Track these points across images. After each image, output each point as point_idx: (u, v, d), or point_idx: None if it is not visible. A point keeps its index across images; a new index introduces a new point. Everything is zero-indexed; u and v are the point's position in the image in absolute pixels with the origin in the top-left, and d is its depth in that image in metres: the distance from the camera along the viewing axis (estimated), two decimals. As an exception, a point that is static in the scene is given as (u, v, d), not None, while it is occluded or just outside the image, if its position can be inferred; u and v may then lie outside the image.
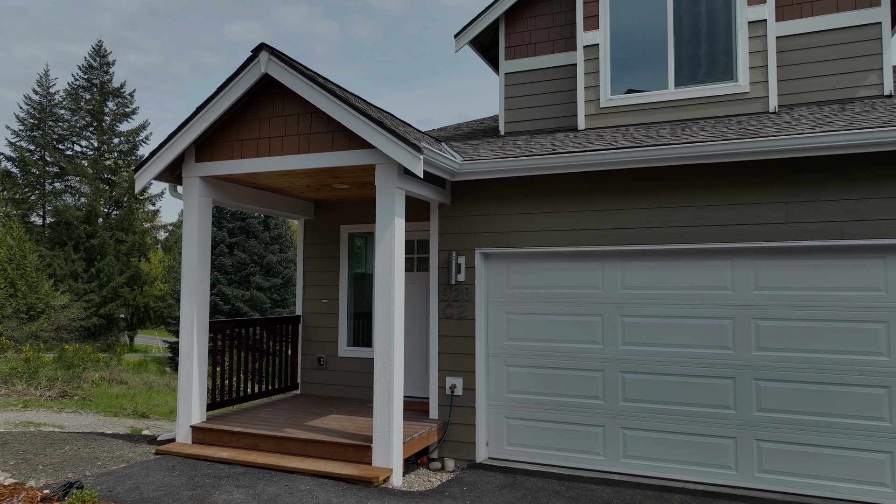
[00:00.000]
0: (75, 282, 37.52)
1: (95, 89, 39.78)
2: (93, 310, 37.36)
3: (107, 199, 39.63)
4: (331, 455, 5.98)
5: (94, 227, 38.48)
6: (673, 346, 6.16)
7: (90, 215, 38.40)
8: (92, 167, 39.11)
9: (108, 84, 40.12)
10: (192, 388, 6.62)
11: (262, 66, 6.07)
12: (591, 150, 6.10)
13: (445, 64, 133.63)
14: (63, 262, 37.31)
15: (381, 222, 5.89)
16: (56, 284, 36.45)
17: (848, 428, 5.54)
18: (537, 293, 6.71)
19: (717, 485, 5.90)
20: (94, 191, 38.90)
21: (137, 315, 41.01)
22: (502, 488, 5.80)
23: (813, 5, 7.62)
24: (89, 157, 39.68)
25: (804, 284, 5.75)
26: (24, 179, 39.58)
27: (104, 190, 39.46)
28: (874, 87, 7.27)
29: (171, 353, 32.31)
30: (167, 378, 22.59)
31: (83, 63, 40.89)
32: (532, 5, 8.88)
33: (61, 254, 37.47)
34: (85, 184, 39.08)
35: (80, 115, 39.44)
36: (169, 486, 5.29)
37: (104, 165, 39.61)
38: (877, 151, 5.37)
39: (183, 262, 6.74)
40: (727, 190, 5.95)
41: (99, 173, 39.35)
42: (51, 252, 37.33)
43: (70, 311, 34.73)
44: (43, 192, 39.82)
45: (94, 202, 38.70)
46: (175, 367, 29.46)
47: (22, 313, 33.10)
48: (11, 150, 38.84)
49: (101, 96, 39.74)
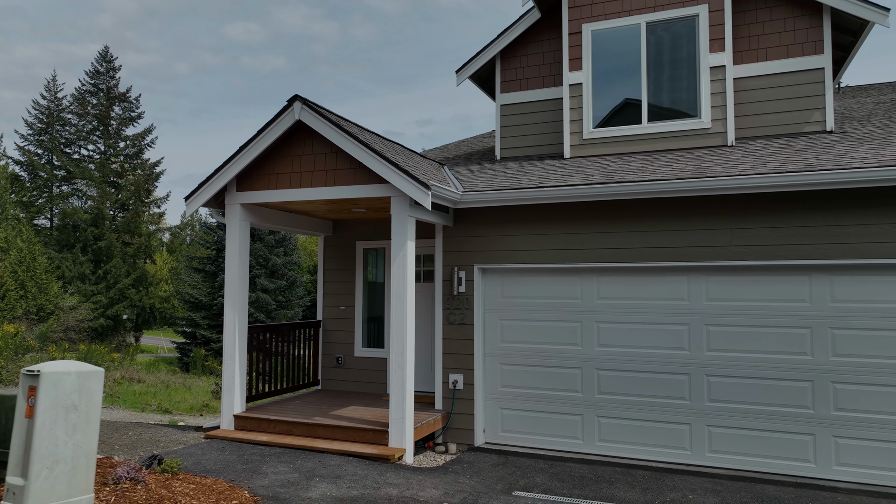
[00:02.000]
0: (83, 283, 38.80)
1: (102, 94, 41.05)
2: (100, 311, 38.63)
3: (113, 202, 40.92)
4: (353, 438, 7.30)
5: (101, 230, 39.75)
6: (639, 348, 7.47)
7: (97, 218, 39.68)
8: (98, 170, 40.38)
9: (115, 89, 41.39)
10: (234, 383, 7.93)
11: (296, 113, 7.37)
12: (569, 184, 7.41)
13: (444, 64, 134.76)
14: (71, 265, 38.58)
15: (396, 245, 7.20)
16: (65, 286, 37.71)
17: (780, 415, 6.85)
18: (527, 302, 8.02)
19: (675, 463, 7.21)
20: (101, 194, 40.17)
21: (143, 316, 42.28)
22: (496, 466, 7.11)
23: (767, 51, 8.93)
24: (96, 161, 40.96)
25: (745, 297, 7.06)
26: (33, 183, 40.87)
27: (110, 193, 40.75)
28: (818, 124, 8.57)
29: (179, 354, 33.60)
30: (180, 377, 23.91)
31: (90, 68, 42.13)
32: (525, 45, 10.19)
33: (69, 256, 38.74)
34: (92, 187, 40.35)
35: (88, 119, 40.72)
36: (224, 462, 6.60)
37: (110, 169, 40.90)
38: (797, 191, 6.67)
39: (226, 276, 8.04)
40: (683, 218, 7.25)
41: (105, 177, 40.63)
42: (59, 254, 38.61)
43: (78, 312, 36.00)
44: (51, 196, 41.11)
45: (101, 205, 39.98)
46: (183, 367, 30.80)
47: (32, 314, 34.38)
48: (20, 153, 40.14)
49: (108, 101, 41.01)
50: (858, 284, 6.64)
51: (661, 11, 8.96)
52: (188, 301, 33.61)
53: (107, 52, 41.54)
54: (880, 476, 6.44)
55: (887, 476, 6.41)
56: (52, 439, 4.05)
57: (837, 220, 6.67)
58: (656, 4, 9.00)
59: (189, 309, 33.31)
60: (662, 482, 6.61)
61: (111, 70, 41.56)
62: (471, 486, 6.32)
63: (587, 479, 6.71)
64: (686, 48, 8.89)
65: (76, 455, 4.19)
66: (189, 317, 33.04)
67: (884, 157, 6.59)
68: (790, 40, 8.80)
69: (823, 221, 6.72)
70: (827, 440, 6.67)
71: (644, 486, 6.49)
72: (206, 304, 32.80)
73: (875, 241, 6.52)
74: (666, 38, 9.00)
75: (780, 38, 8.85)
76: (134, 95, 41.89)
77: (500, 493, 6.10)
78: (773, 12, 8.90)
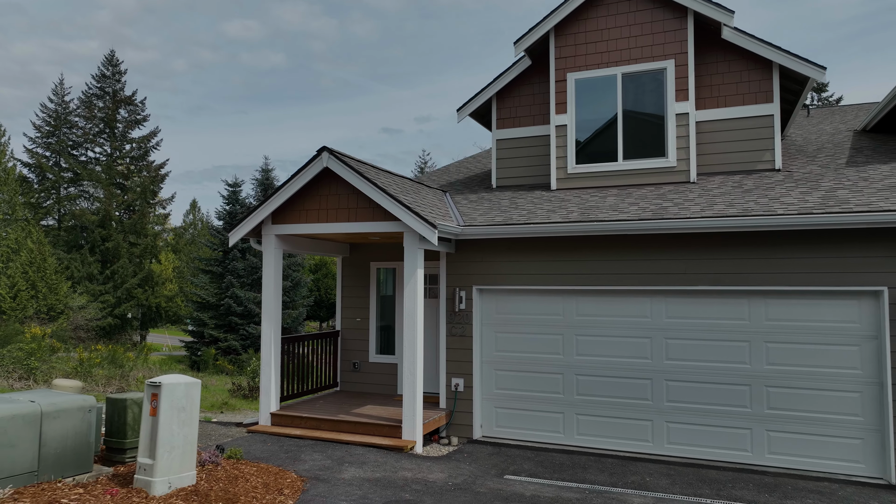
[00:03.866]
0: (91, 283, 40.35)
1: (108, 97, 42.53)
2: (108, 310, 40.20)
3: (119, 203, 42.44)
4: (372, 432, 8.91)
5: (108, 231, 41.31)
6: (611, 357, 9.09)
7: (105, 219, 41.23)
8: (105, 173, 41.90)
9: (121, 92, 42.88)
10: (270, 386, 9.53)
11: (324, 161, 8.95)
12: (552, 222, 9.00)
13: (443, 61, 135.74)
14: (80, 265, 40.14)
15: (408, 272, 8.79)
16: (74, 286, 39.27)
17: (724, 413, 8.47)
18: (517, 318, 9.63)
19: (639, 452, 8.83)
20: (108, 195, 41.71)
21: (149, 315, 43.89)
22: (491, 455, 8.72)
23: (726, 98, 10.51)
24: (102, 163, 42.47)
25: (697, 315, 8.67)
26: (41, 185, 42.37)
27: (117, 194, 42.28)
28: (768, 162, 10.16)
29: (188, 352, 35.16)
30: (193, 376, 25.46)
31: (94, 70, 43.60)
32: (518, 88, 11.76)
33: (78, 256, 40.29)
34: (99, 189, 41.87)
35: (94, 122, 42.19)
36: (269, 451, 8.21)
37: (117, 171, 42.40)
38: (737, 231, 8.25)
39: (263, 295, 9.62)
40: (646, 250, 8.85)
41: (112, 178, 42.14)
42: (68, 255, 40.15)
43: (87, 311, 37.60)
44: (59, 197, 42.62)
45: (108, 206, 41.51)
46: (193, 366, 32.38)
47: (43, 314, 35.94)
48: (28, 156, 41.63)
49: (114, 104, 42.49)
50: (787, 307, 8.25)
51: (635, 65, 10.53)
52: (195, 301, 35.14)
53: (112, 55, 42.99)
54: (802, 462, 8.06)
55: (807, 462, 8.04)
56: (169, 431, 5.63)
57: (770, 255, 8.27)
58: (630, 58, 10.57)
59: (197, 309, 34.84)
60: (627, 468, 8.23)
61: (117, 74, 43.01)
62: (470, 471, 7.93)
63: (566, 465, 8.33)
64: (655, 96, 10.46)
65: (184, 443, 5.77)
66: (197, 317, 34.58)
67: (806, 203, 8.18)
68: (745, 90, 10.38)
69: (759, 255, 8.32)
70: (761, 433, 8.29)
71: (611, 471, 8.12)
72: (214, 304, 34.35)
73: (799, 272, 8.12)
74: (638, 87, 10.58)
75: (737, 87, 10.43)
76: (139, 98, 43.37)
77: (494, 477, 7.72)
78: (731, 65, 10.47)
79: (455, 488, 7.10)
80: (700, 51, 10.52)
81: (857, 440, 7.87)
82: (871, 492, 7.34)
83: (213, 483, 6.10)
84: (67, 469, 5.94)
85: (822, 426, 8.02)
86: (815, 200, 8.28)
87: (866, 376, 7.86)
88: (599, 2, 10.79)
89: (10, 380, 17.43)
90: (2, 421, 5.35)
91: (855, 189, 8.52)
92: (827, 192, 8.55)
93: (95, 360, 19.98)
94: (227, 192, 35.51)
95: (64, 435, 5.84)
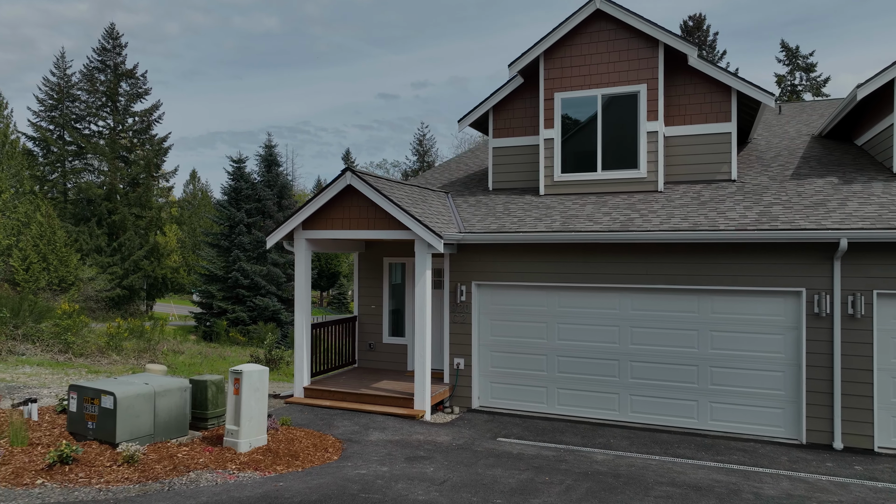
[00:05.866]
0: (99, 255, 42.38)
1: (109, 70, 43.85)
2: (116, 281, 42.29)
3: (123, 176, 44.18)
4: (389, 403, 11.09)
5: (114, 204, 43.16)
6: (586, 342, 11.22)
7: (111, 193, 43.02)
8: (109, 146, 43.52)
9: (122, 65, 44.18)
10: (303, 364, 11.67)
11: (347, 179, 10.92)
12: (537, 231, 11.03)
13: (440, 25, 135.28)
14: (88, 238, 42.09)
15: (418, 272, 10.84)
16: (83, 258, 41.30)
17: (676, 388, 10.64)
18: (509, 308, 11.73)
19: (607, 420, 11.04)
20: (112, 169, 43.41)
21: (156, 286, 46.06)
22: (486, 422, 10.93)
23: (691, 117, 12.43)
24: (105, 137, 44.04)
25: (656, 308, 10.78)
26: (45, 158, 44.00)
27: (121, 167, 43.98)
28: (725, 174, 12.15)
29: (196, 322, 37.39)
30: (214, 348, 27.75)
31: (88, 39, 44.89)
32: (511, 102, 13.64)
33: (86, 229, 42.21)
34: (103, 162, 43.55)
35: (97, 96, 43.61)
36: (307, 419, 10.39)
37: (120, 144, 44.01)
38: (687, 242, 10.29)
39: (296, 290, 11.68)
40: (614, 255, 10.89)
41: (116, 152, 43.78)
42: (76, 228, 42.05)
43: (97, 283, 39.71)
44: (64, 171, 44.31)
45: (114, 180, 43.26)
46: (205, 337, 34.62)
47: (55, 285, 38.01)
48: (33, 130, 43.14)
49: (115, 77, 43.84)
50: (728, 303, 10.36)
51: (613, 87, 12.42)
52: (203, 274, 37.25)
53: (112, 28, 44.16)
54: (736, 427, 10.27)
55: (740, 427, 10.25)
56: (249, 406, 7.74)
57: (715, 261, 10.33)
58: (609, 82, 12.45)
59: (205, 282, 36.96)
60: (596, 432, 10.45)
61: (118, 47, 44.25)
62: (469, 434, 10.13)
63: (547, 430, 10.53)
64: (630, 115, 12.37)
65: (259, 414, 7.90)
66: (205, 289, 36.71)
67: (745, 219, 10.21)
68: (708, 110, 12.30)
69: (706, 261, 10.39)
70: (705, 404, 10.49)
71: (584, 434, 10.33)
72: (221, 277, 36.45)
73: (738, 275, 10.20)
74: (616, 106, 12.48)
75: (700, 107, 12.35)
76: (140, 72, 44.69)
77: (489, 439, 9.91)
78: (696, 87, 12.37)
79: (458, 448, 9.29)
80: (670, 74, 12.39)
81: (778, 409, 10.07)
82: (784, 450, 9.57)
83: (278, 444, 8.26)
84: (172, 433, 8.08)
85: (753, 398, 10.21)
86: (753, 216, 10.31)
87: (788, 359, 10.02)
88: (583, 31, 12.61)
89: (51, 353, 19.62)
90: (131, 399, 7.46)
91: (787, 206, 10.55)
92: (764, 208, 10.57)
93: (124, 334, 22.12)
94: (232, 168, 37.27)
95: (169, 408, 7.95)
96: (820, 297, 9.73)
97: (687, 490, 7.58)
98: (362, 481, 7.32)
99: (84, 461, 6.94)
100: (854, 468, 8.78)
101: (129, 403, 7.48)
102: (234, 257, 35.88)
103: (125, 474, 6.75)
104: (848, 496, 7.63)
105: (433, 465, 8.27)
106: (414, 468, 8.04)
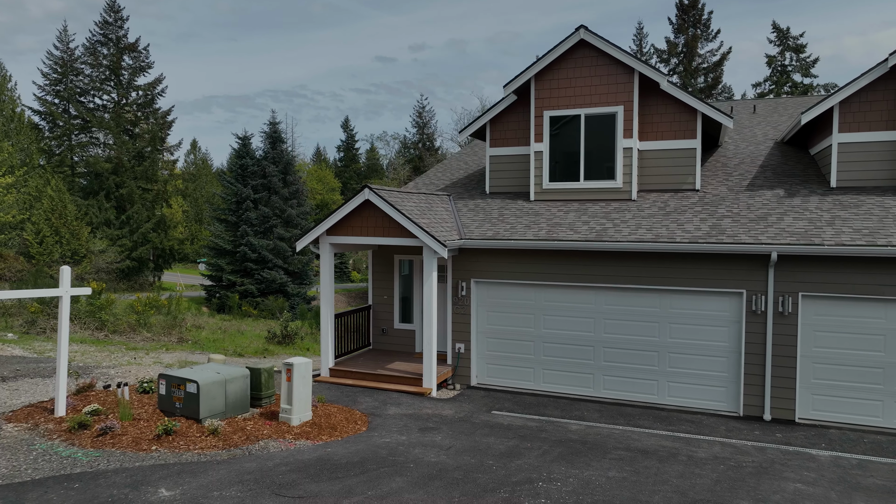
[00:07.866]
0: (109, 228, 44.62)
1: (112, 44, 45.35)
2: (125, 253, 44.61)
3: (129, 150, 46.10)
4: (402, 382, 13.58)
5: (122, 178, 45.20)
6: (568, 331, 13.67)
7: (118, 166, 45.02)
8: (114, 120, 45.32)
9: (124, 39, 45.66)
10: (328, 348, 14.14)
11: (365, 195, 13.21)
12: (526, 238, 13.37)
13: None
14: (97, 211, 44.26)
15: (426, 273, 13.21)
16: (93, 231, 43.54)
17: (641, 370, 13.14)
18: (503, 302, 14.15)
19: (584, 395, 13.57)
20: (118, 143, 45.32)
21: (164, 257, 48.45)
22: (483, 398, 13.45)
23: (662, 133, 14.65)
24: (110, 111, 45.80)
25: (625, 303, 13.20)
26: (52, 132, 45.84)
27: (126, 141, 45.87)
28: (690, 184, 14.45)
29: (206, 294, 39.88)
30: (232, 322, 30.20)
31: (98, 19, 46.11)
32: (506, 116, 15.82)
33: (95, 203, 44.35)
34: (109, 136, 45.41)
35: (100, 70, 45.22)
36: (334, 396, 12.88)
37: (125, 118, 45.81)
38: (649, 251, 12.64)
39: (321, 286, 14.05)
40: (591, 259, 13.26)
41: (121, 126, 45.61)
42: (85, 202, 44.16)
43: (107, 255, 42.02)
44: (70, 145, 46.19)
45: (120, 153, 45.20)
46: (219, 309, 37.11)
47: (67, 258, 40.32)
48: (39, 104, 44.89)
49: (118, 51, 45.38)
50: (684, 300, 12.77)
51: (594, 108, 14.60)
52: (212, 248, 39.60)
53: (114, 2, 45.44)
54: (688, 402, 12.81)
55: (691, 402, 12.78)
56: (298, 390, 10.21)
57: (672, 265, 12.71)
58: (591, 102, 14.62)
59: (214, 255, 39.35)
60: (573, 406, 12.98)
61: (119, 20, 45.64)
62: (469, 408, 12.65)
63: (533, 405, 13.05)
64: (609, 132, 14.57)
65: (305, 397, 10.37)
66: (214, 262, 39.13)
67: (699, 231, 12.54)
68: (677, 128, 14.51)
69: (666, 265, 12.76)
70: (664, 383, 13.00)
71: (563, 408, 12.85)
72: (230, 251, 38.86)
73: (692, 278, 12.58)
74: (597, 124, 14.67)
75: (670, 126, 14.56)
76: (143, 45, 46.19)
77: (485, 412, 12.43)
78: (668, 107, 14.55)
79: (460, 420, 11.80)
80: (644, 96, 14.55)
81: (722, 388, 12.59)
82: (724, 421, 12.11)
83: (319, 418, 10.75)
84: (238, 410, 10.57)
85: (702, 378, 12.71)
86: (706, 229, 12.64)
87: (730, 347, 12.49)
88: (570, 57, 14.71)
89: (89, 329, 22.11)
90: (210, 385, 9.92)
91: (736, 219, 12.88)
92: (716, 221, 12.90)
93: (150, 312, 24.55)
94: (238, 146, 39.28)
95: (235, 391, 10.42)
96: (757, 297, 12.13)
97: (636, 454, 10.10)
98: (388, 447, 9.83)
99: (180, 433, 9.42)
100: (775, 435, 11.32)
101: (209, 389, 9.94)
102: (241, 232, 38.18)
103: (212, 443, 9.23)
104: (761, 457, 10.16)
105: (440, 434, 10.79)
106: (426, 437, 10.55)
